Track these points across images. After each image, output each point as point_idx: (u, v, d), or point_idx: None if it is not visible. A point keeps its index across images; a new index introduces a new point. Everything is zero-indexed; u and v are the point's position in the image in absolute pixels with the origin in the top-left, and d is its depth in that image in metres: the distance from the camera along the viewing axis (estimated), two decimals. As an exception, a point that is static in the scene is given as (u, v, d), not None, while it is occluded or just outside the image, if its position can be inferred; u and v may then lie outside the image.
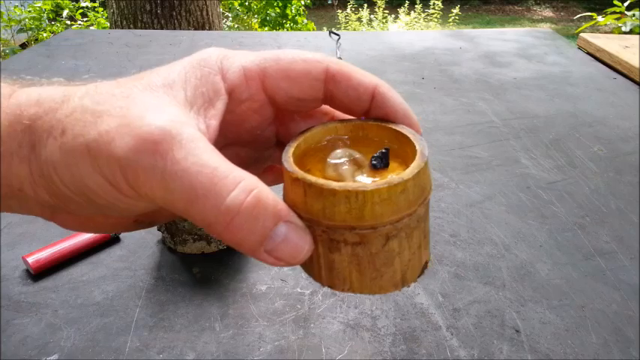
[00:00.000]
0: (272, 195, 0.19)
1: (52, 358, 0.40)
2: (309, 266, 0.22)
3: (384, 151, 0.21)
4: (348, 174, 0.21)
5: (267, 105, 0.23)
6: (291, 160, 0.20)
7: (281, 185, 0.22)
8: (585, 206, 0.61)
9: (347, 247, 0.20)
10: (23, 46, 3.50)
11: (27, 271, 0.49)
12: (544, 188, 0.65)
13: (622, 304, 0.46)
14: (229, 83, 0.22)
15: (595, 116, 0.87)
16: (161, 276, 0.49)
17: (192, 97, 0.20)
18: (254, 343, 0.42)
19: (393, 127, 0.23)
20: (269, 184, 0.29)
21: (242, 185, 0.18)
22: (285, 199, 0.20)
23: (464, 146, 0.76)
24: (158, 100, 0.19)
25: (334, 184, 0.18)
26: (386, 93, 0.23)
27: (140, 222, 0.24)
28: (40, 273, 0.48)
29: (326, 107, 0.24)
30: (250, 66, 0.22)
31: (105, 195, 0.19)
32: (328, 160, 0.22)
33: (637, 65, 1.03)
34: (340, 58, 1.13)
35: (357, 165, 0.21)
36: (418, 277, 0.22)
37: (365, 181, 0.20)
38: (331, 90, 0.23)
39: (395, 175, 0.20)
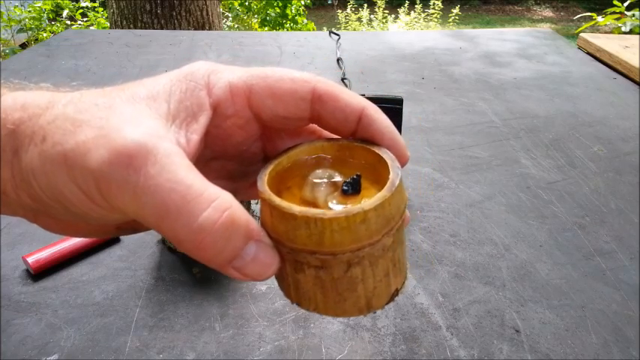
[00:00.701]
0: (244, 214, 0.19)
1: (52, 358, 0.40)
2: (281, 282, 0.22)
3: (355, 177, 0.21)
4: (322, 196, 0.21)
5: (253, 121, 0.23)
6: (266, 178, 0.21)
7: None
8: (585, 206, 0.61)
9: (310, 269, 0.20)
10: (23, 46, 3.50)
11: (27, 271, 0.49)
12: (544, 188, 0.65)
13: (622, 304, 0.46)
14: (214, 98, 0.22)
15: (595, 116, 0.87)
16: (161, 276, 0.49)
17: (175, 111, 0.20)
18: (254, 343, 0.42)
19: (376, 150, 0.22)
20: (255, 197, 0.29)
21: (215, 204, 0.18)
22: (259, 215, 0.21)
23: (464, 146, 0.76)
24: (138, 112, 0.19)
25: (295, 209, 0.19)
26: (372, 115, 0.23)
27: (122, 229, 0.24)
28: (40, 273, 0.48)
29: (313, 126, 0.24)
30: (237, 82, 0.22)
31: (79, 204, 0.19)
32: (308, 178, 0.22)
33: (637, 65, 1.03)
34: (340, 58, 1.13)
35: (334, 187, 0.21)
36: (386, 304, 0.22)
37: (335, 206, 0.21)
38: (318, 110, 0.23)
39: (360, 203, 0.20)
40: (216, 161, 0.25)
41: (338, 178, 0.22)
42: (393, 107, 0.54)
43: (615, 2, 2.18)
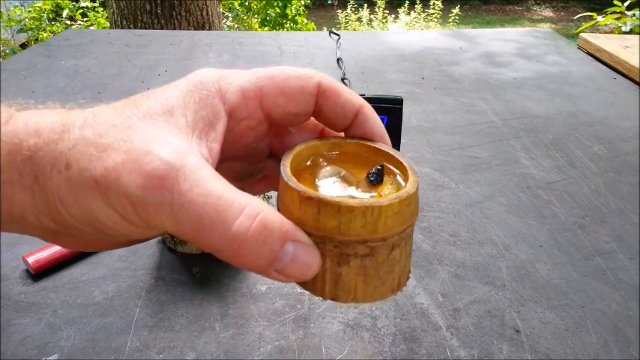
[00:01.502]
0: (278, 216, 0.19)
1: (52, 358, 0.40)
2: (312, 282, 0.22)
3: (379, 167, 0.23)
4: (341, 191, 0.22)
5: (264, 121, 0.24)
6: (295, 179, 0.21)
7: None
8: (585, 206, 0.61)
9: (356, 259, 0.20)
10: (23, 46, 3.50)
11: (27, 271, 0.49)
12: (544, 188, 0.65)
13: (622, 304, 0.46)
14: (229, 104, 0.22)
15: (595, 116, 0.87)
16: (161, 276, 0.49)
17: (192, 122, 0.21)
18: (254, 343, 0.42)
19: (372, 144, 0.25)
20: (259, 192, 0.29)
21: (247, 211, 0.18)
22: (290, 216, 0.21)
23: (464, 146, 0.76)
24: (159, 130, 0.20)
25: (351, 202, 0.19)
26: (368, 114, 0.24)
27: (138, 240, 0.25)
28: (40, 273, 0.48)
29: (314, 120, 0.25)
30: (248, 85, 0.23)
31: (116, 226, 0.19)
32: (320, 178, 0.23)
33: (637, 65, 1.03)
34: (340, 58, 1.13)
35: (346, 182, 0.23)
36: (407, 280, 0.23)
37: (360, 196, 0.22)
38: (320, 104, 0.24)
39: (387, 189, 0.22)
40: (225, 163, 0.25)
41: (344, 172, 0.23)
42: (393, 107, 0.54)
43: (615, 2, 2.18)
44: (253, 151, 0.26)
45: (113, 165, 0.18)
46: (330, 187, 0.22)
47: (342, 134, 0.26)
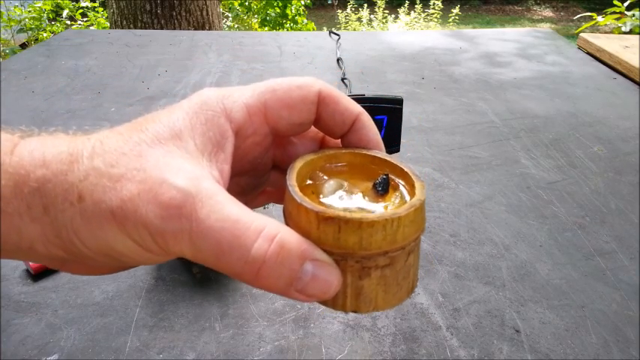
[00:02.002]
0: (295, 237, 0.19)
1: (52, 358, 0.40)
2: (330, 298, 0.22)
3: (384, 177, 0.23)
4: (350, 204, 0.22)
5: (268, 134, 0.24)
6: (308, 200, 0.21)
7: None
8: (585, 206, 0.61)
9: (377, 270, 0.21)
10: (23, 46, 3.50)
11: (27, 271, 0.49)
12: (544, 188, 0.65)
13: (622, 304, 0.46)
14: (235, 123, 0.22)
15: (595, 116, 0.87)
16: (161, 276, 0.49)
17: (201, 145, 0.21)
18: (254, 343, 0.42)
19: (368, 152, 0.25)
20: (260, 205, 0.29)
21: (264, 234, 0.18)
22: (307, 236, 0.21)
23: (464, 146, 0.76)
24: (170, 156, 0.20)
25: (372, 216, 0.19)
26: (366, 121, 0.25)
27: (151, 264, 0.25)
28: (40, 273, 0.48)
29: (314, 128, 0.25)
30: (252, 102, 0.23)
31: (133, 255, 0.20)
32: (325, 193, 0.23)
33: (637, 65, 1.03)
34: (340, 58, 1.13)
35: (351, 193, 0.23)
36: (417, 280, 0.24)
37: (369, 206, 0.22)
38: (320, 112, 0.24)
39: (393, 197, 0.22)
40: (231, 180, 0.25)
41: (346, 184, 0.23)
42: (393, 107, 0.54)
43: (615, 2, 2.18)
44: (258, 165, 0.26)
45: (129, 196, 0.18)
46: (338, 201, 0.22)
47: (339, 141, 0.26)
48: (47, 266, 0.23)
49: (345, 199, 0.22)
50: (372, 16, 5.70)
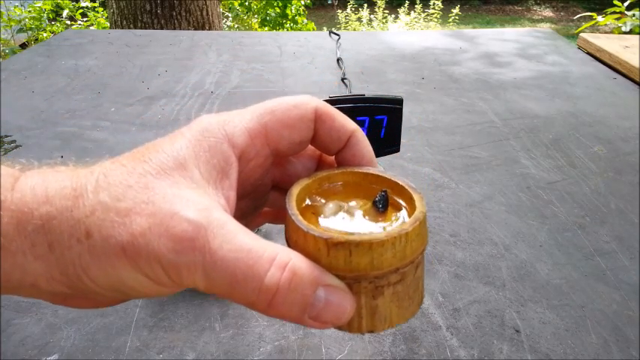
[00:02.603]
0: (306, 263, 0.19)
1: (52, 358, 0.40)
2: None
3: (383, 194, 0.23)
4: (352, 224, 0.22)
5: (269, 156, 0.24)
6: (315, 227, 0.21)
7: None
8: (585, 206, 0.61)
9: (389, 288, 0.21)
10: (23, 46, 3.50)
11: (27, 271, 0.49)
12: (544, 188, 0.65)
13: (622, 304, 0.46)
14: (238, 148, 0.22)
15: (595, 116, 0.87)
16: (161, 276, 0.49)
17: (206, 173, 0.21)
18: (254, 343, 0.42)
19: (360, 170, 0.25)
20: (258, 226, 0.29)
21: (276, 262, 0.18)
22: (317, 263, 0.20)
23: (464, 146, 0.76)
24: (177, 187, 0.20)
25: (380, 236, 0.20)
26: (360, 137, 0.25)
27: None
28: (40, 273, 0.48)
29: (311, 146, 0.26)
30: (252, 125, 0.23)
31: (144, 289, 0.19)
32: (326, 216, 0.23)
33: (637, 65, 1.03)
34: (340, 58, 1.13)
35: (351, 214, 0.23)
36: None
37: (371, 224, 0.22)
38: (317, 129, 0.24)
39: (392, 213, 0.22)
40: None
41: (345, 204, 0.23)
42: (393, 107, 0.54)
43: (615, 2, 2.18)
44: (259, 186, 0.26)
45: (140, 230, 0.18)
46: (341, 222, 0.22)
47: (334, 158, 0.26)
48: (49, 302, 0.22)
49: (346, 220, 0.22)
50: (372, 16, 5.70)
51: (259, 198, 0.27)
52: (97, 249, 0.18)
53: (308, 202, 0.24)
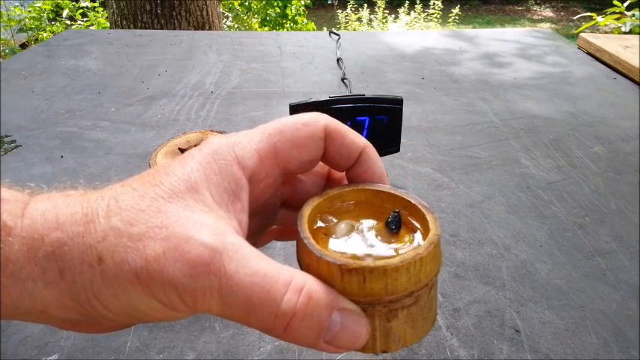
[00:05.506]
0: (321, 286, 0.19)
1: (52, 358, 0.40)
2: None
3: (395, 214, 0.23)
4: (365, 245, 0.22)
5: (279, 175, 0.24)
6: (328, 252, 0.20)
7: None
8: (585, 206, 0.61)
9: (403, 310, 0.21)
10: (23, 46, 3.50)
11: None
12: (544, 188, 0.65)
13: (622, 304, 0.46)
14: (249, 170, 0.22)
15: (595, 116, 0.87)
16: (161, 276, 0.49)
17: (218, 197, 0.20)
18: (254, 343, 0.42)
19: (371, 187, 0.24)
20: (265, 243, 0.29)
21: (292, 286, 0.18)
22: (331, 287, 0.20)
23: (464, 146, 0.76)
24: (190, 211, 0.19)
25: (395, 261, 0.19)
26: (371, 154, 0.25)
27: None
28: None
29: (321, 162, 0.25)
30: (262, 146, 0.22)
31: (157, 314, 0.19)
32: (338, 236, 0.22)
33: (637, 65, 1.03)
34: (340, 58, 1.13)
35: (364, 234, 0.23)
36: None
37: (384, 246, 0.22)
38: (327, 146, 0.24)
39: (406, 235, 0.22)
40: None
41: (356, 224, 0.23)
42: (393, 107, 0.54)
43: (615, 2, 2.18)
44: (269, 205, 0.25)
45: (154, 255, 0.18)
46: (353, 243, 0.22)
47: (344, 174, 0.26)
48: (57, 327, 0.22)
49: (358, 241, 0.22)
50: (372, 16, 5.70)
51: (268, 217, 0.27)
52: (109, 274, 0.18)
53: (320, 223, 0.23)
